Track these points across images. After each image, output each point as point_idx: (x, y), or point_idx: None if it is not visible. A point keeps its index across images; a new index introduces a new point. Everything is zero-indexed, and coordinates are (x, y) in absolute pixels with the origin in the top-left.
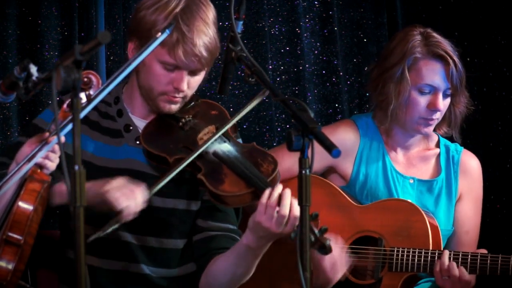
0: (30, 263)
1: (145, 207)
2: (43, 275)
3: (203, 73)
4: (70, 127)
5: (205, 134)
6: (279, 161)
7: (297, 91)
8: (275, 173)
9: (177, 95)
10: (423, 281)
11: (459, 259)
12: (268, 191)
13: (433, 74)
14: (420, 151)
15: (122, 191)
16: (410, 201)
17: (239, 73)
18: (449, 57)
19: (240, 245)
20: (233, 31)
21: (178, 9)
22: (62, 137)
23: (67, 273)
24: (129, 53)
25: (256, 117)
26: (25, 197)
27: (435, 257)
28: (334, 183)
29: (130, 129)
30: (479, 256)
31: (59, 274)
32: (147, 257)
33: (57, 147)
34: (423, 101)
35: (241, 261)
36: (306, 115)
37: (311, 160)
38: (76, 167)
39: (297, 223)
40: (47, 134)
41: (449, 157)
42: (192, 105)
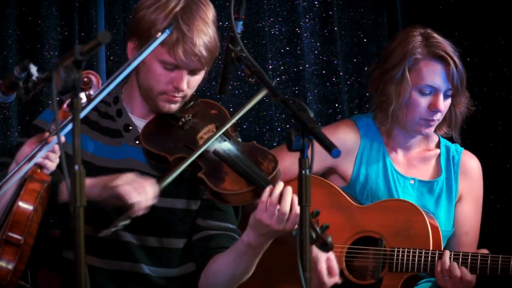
0: (30, 263)
1: (155, 202)
2: (43, 275)
3: (203, 72)
4: (70, 127)
5: (205, 133)
6: (279, 161)
7: (297, 91)
8: (275, 171)
9: (177, 95)
10: (423, 281)
11: (459, 259)
12: (269, 189)
13: (434, 75)
14: (420, 152)
15: (133, 185)
16: (410, 201)
17: (239, 73)
18: (449, 58)
19: (240, 243)
20: (233, 31)
21: (177, 8)
22: (62, 137)
23: (68, 275)
24: (129, 53)
25: (256, 117)
26: (25, 197)
27: (435, 257)
28: (334, 183)
29: (129, 129)
30: (479, 256)
31: (61, 276)
32: (147, 257)
33: (57, 147)
34: (423, 102)
35: (241, 259)
36: (306, 115)
37: (311, 160)
38: (76, 167)
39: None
40: (47, 134)
41: (449, 158)
42: (191, 104)
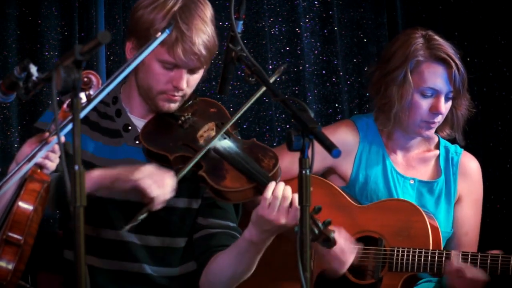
0: (30, 266)
1: (173, 195)
2: (44, 277)
3: (202, 71)
4: (70, 127)
5: (204, 131)
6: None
7: (297, 91)
8: (276, 168)
9: (177, 94)
10: (423, 281)
11: (467, 259)
12: (271, 185)
13: (436, 77)
14: (420, 153)
15: (153, 178)
16: (410, 201)
17: (239, 73)
18: (451, 60)
19: (242, 240)
20: (233, 31)
21: (176, 7)
22: (62, 137)
23: (70, 276)
24: (127, 53)
25: (256, 117)
26: (25, 197)
27: (435, 257)
28: (334, 183)
29: (129, 128)
30: (479, 256)
31: (63, 277)
32: (149, 256)
33: (57, 147)
34: (425, 104)
35: (243, 256)
36: (306, 115)
37: (311, 160)
38: (76, 167)
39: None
40: (47, 134)
41: (449, 159)
42: (190, 103)
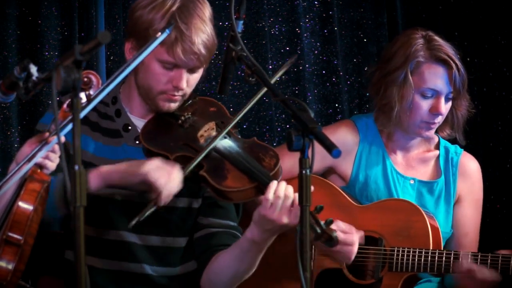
0: (31, 270)
1: (180, 187)
2: (45, 281)
3: (201, 70)
4: (70, 127)
5: (205, 131)
6: None
7: (297, 91)
8: (277, 167)
9: (177, 94)
10: (423, 281)
11: (477, 259)
12: (273, 185)
13: (436, 78)
14: (419, 153)
15: (161, 172)
16: (410, 201)
17: (239, 73)
18: (451, 61)
19: (243, 239)
20: (233, 30)
21: (174, 7)
22: (62, 137)
23: (71, 277)
24: (126, 53)
25: (256, 117)
26: (25, 197)
27: (435, 257)
28: (334, 183)
29: (129, 128)
30: (479, 256)
31: (64, 278)
32: (150, 256)
33: (57, 147)
34: (425, 105)
35: (245, 256)
36: (306, 115)
37: (311, 160)
38: (76, 167)
39: None
40: (47, 134)
41: (448, 159)
42: (190, 102)
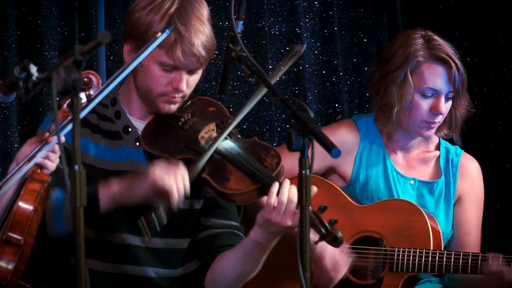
0: (33, 278)
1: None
2: None
3: (201, 71)
4: (70, 127)
5: (206, 132)
6: None
7: (297, 91)
8: (279, 167)
9: (177, 95)
10: (423, 281)
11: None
12: (275, 187)
13: (436, 77)
14: (420, 153)
15: (167, 175)
16: (411, 201)
17: (239, 73)
18: (451, 61)
19: (247, 241)
20: (233, 31)
21: (173, 9)
22: (62, 137)
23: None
24: (125, 56)
25: (256, 117)
26: (25, 197)
27: (436, 257)
28: (334, 183)
29: (129, 130)
30: (480, 256)
31: (69, 283)
32: (153, 258)
33: (57, 147)
34: (425, 104)
35: (249, 257)
36: (306, 115)
37: (311, 160)
38: (76, 167)
39: None
40: (47, 134)
41: (449, 160)
42: (189, 103)
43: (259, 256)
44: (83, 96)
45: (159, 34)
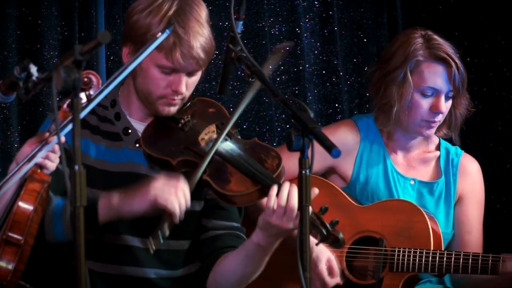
0: (35, 282)
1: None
2: None
3: (200, 73)
4: (70, 127)
5: (206, 134)
6: None
7: (297, 91)
8: (280, 168)
9: (176, 98)
10: (424, 281)
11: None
12: (274, 190)
13: (436, 76)
14: (420, 153)
15: (168, 191)
16: (411, 201)
17: (239, 73)
18: (451, 60)
19: (249, 243)
20: (233, 31)
21: (171, 11)
22: (62, 137)
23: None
24: (124, 58)
25: (256, 117)
26: (25, 197)
27: (436, 257)
28: (334, 183)
29: (129, 132)
30: (480, 256)
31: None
32: (153, 259)
33: (57, 147)
34: (425, 103)
35: (251, 259)
36: (306, 115)
37: (311, 160)
38: (76, 167)
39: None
40: (47, 134)
41: (449, 160)
42: (189, 104)
43: (261, 258)
44: (83, 96)
45: (159, 34)
